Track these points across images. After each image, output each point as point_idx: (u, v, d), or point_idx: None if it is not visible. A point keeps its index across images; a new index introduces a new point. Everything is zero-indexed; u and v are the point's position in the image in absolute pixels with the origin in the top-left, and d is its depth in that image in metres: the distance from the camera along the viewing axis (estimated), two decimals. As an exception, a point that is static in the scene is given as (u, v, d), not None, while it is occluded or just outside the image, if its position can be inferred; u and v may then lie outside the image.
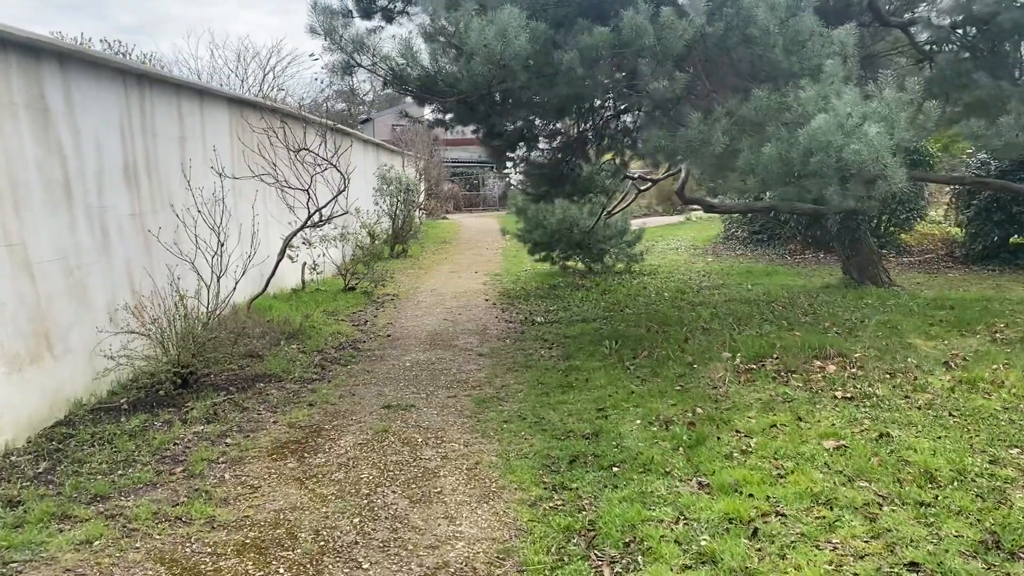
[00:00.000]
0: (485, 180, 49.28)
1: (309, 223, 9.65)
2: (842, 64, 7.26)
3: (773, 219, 17.76)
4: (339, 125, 17.72)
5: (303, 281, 12.63)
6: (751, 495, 4.44)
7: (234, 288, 8.66)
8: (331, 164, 9.28)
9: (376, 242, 13.12)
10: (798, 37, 7.33)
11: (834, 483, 4.56)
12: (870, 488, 4.47)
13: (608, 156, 11.61)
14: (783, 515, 4.19)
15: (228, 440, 5.84)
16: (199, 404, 6.66)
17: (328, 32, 6.60)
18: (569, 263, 14.38)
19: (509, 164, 10.53)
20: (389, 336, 9.69)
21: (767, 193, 14.01)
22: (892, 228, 15.98)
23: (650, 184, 13.36)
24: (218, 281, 8.50)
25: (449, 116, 9.07)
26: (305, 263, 12.63)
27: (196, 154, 9.45)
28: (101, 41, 22.28)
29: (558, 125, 10.64)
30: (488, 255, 20.10)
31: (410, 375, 7.77)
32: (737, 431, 5.54)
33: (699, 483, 4.70)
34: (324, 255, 12.83)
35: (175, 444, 5.72)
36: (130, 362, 7.06)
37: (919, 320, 8.97)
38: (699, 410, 6.05)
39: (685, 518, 4.24)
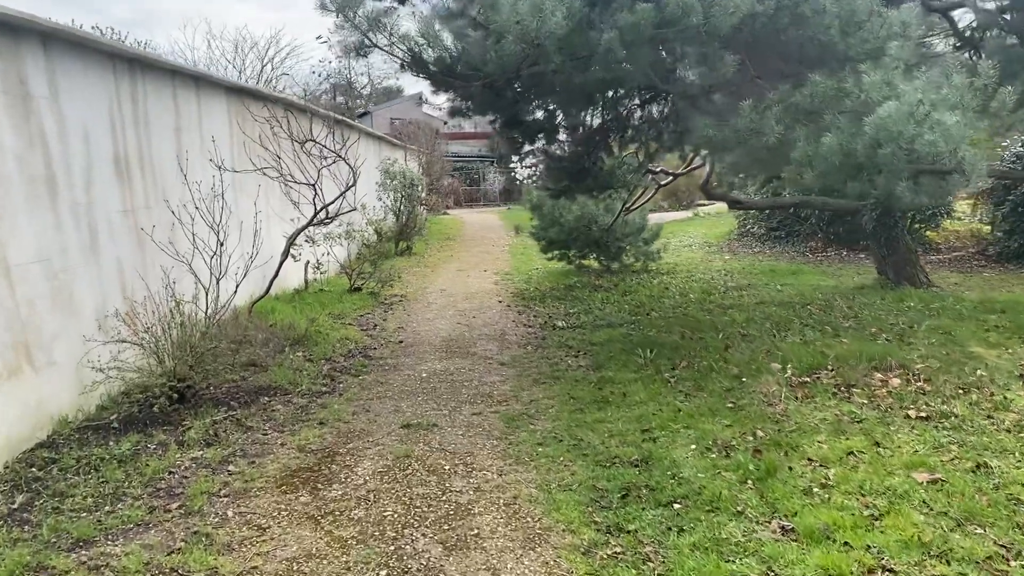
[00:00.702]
0: (485, 175, 48.67)
1: (315, 220, 8.97)
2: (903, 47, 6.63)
3: (792, 215, 17.11)
4: (344, 118, 17.06)
5: (306, 281, 11.96)
6: (846, 543, 3.79)
7: (235, 291, 8.00)
8: (340, 157, 8.60)
9: (383, 240, 12.43)
10: (855, 17, 6.66)
11: (942, 528, 3.90)
12: (987, 536, 3.82)
13: (630, 150, 10.96)
14: (892, 572, 3.53)
15: (231, 467, 5.17)
16: (197, 423, 5.99)
17: (341, 8, 5.92)
18: (586, 262, 13.71)
19: (528, 157, 9.84)
20: (401, 342, 9.02)
21: (782, 187, 13.42)
22: (918, 225, 15.34)
23: (671, 179, 12.70)
24: (217, 284, 7.85)
25: (467, 104, 8.38)
26: (308, 262, 11.95)
27: (193, 146, 8.78)
28: (93, 27, 21.51)
29: (581, 115, 9.97)
30: (495, 252, 19.43)
31: (428, 387, 7.11)
32: (809, 459, 4.89)
33: (781, 527, 4.04)
34: (328, 253, 12.15)
35: (170, 473, 5.05)
36: (121, 375, 6.40)
37: (973, 325, 8.31)
38: (760, 432, 5.39)
39: (775, 574, 3.58)
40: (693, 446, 5.24)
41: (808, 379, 6.58)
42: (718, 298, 10.85)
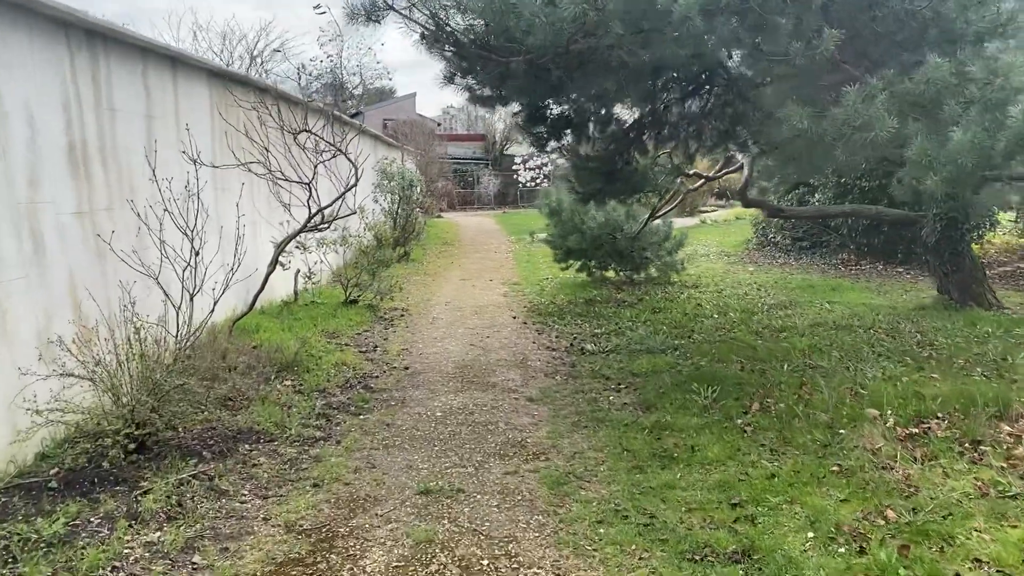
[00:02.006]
0: (480, 177, 47.47)
1: (310, 225, 7.68)
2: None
3: (819, 225, 15.92)
4: (340, 114, 15.77)
5: (296, 292, 10.65)
6: None
7: (212, 309, 6.72)
8: (339, 151, 7.31)
9: (384, 247, 11.14)
10: (980, -14, 5.46)
11: None
12: None
13: (665, 150, 9.72)
14: None
15: (196, 559, 3.87)
16: (159, 482, 4.70)
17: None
18: (607, 273, 12.44)
19: (553, 154, 8.60)
20: (407, 369, 7.73)
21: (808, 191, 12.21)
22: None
23: (702, 182, 11.48)
24: (191, 301, 6.57)
25: (496, 90, 7.09)
26: (299, 271, 10.65)
27: (167, 137, 7.50)
28: None
29: (614, 110, 8.71)
30: (499, 259, 18.16)
31: (445, 433, 5.83)
32: (977, 560, 3.63)
33: None
34: (321, 261, 10.86)
35: (114, 569, 3.75)
36: (64, 416, 5.10)
37: (1077, 358, 7.11)
38: (890, 513, 4.14)
39: None
40: (810, 533, 3.98)
41: (917, 430, 5.34)
42: (763, 318, 9.61)
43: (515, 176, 23.26)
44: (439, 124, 49.78)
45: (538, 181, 22.34)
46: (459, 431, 5.84)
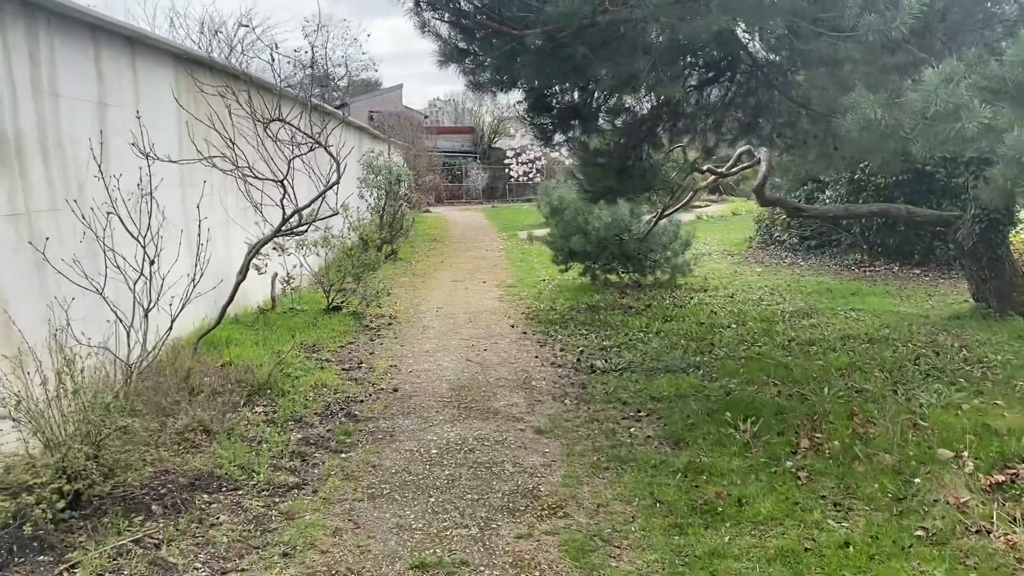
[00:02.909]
0: (468, 171, 46.50)
1: (285, 228, 6.76)
2: None
3: (829, 224, 15.11)
4: (322, 104, 14.82)
5: (273, 298, 9.72)
6: None
7: (170, 326, 5.82)
8: (318, 143, 6.38)
9: (370, 249, 10.22)
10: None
11: None
12: None
13: (680, 143, 8.86)
14: None
15: (123, 677, 2.98)
16: (92, 553, 3.80)
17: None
18: (611, 276, 11.55)
19: (561, 148, 7.72)
20: (396, 391, 6.84)
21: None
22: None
23: (713, 179, 10.63)
24: (146, 317, 5.68)
25: (502, 74, 6.19)
26: (276, 274, 9.73)
27: (122, 128, 6.57)
28: None
29: (625, 100, 7.82)
30: (491, 258, 17.26)
31: (442, 478, 4.93)
32: None
33: None
34: (301, 265, 9.93)
35: None
36: (-21, 467, 4.20)
37: None
38: (1009, 604, 3.30)
39: None
40: (915, 636, 3.13)
41: (1003, 477, 4.50)
42: (786, 329, 8.76)
43: (507, 170, 22.34)
44: (426, 116, 48.76)
45: (531, 175, 21.42)
46: (458, 475, 4.95)
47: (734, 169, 10.22)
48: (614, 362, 7.54)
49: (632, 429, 5.75)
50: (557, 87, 7.05)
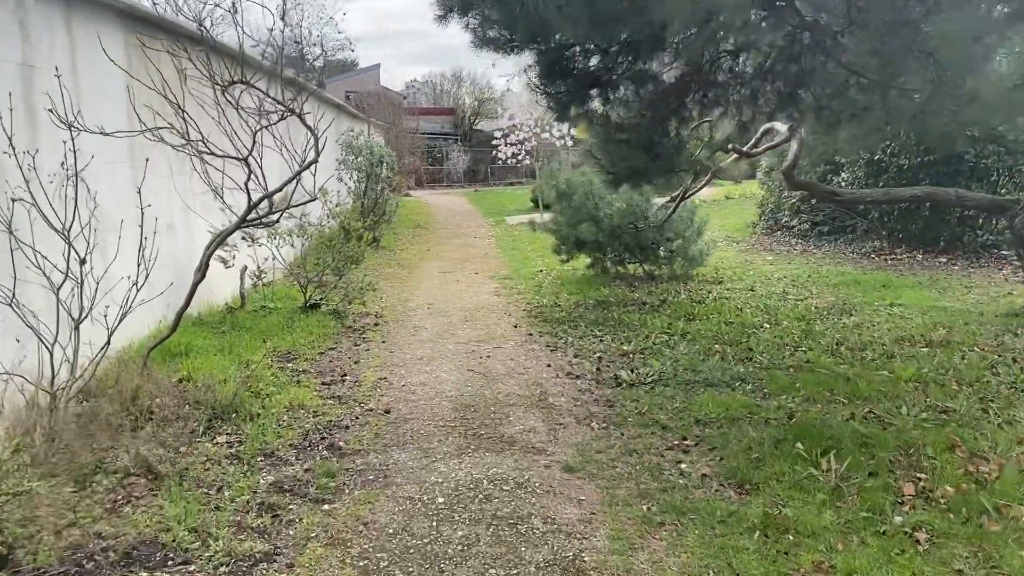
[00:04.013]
0: (449, 153, 45.23)
1: (252, 215, 5.59)
2: None
3: (843, 209, 14.11)
4: (296, 77, 13.55)
5: (242, 294, 8.54)
6: None
7: (107, 342, 4.68)
8: (290, 111, 5.20)
9: (351, 239, 9.06)
10: None
11: None
12: None
13: (708, 119, 7.77)
14: None
15: None
16: None
17: None
18: (622, 268, 10.45)
19: (576, 123, 6.63)
20: (388, 413, 5.71)
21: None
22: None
23: (736, 158, 9.55)
24: (76, 332, 4.54)
25: (498, 32, 5.07)
26: (245, 267, 8.56)
27: (56, 95, 5.38)
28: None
29: (651, 65, 6.71)
30: (481, 246, 16.14)
31: (454, 542, 3.82)
32: None
33: None
34: (274, 257, 8.75)
35: None
36: None
37: None
38: None
39: None
40: None
41: None
42: (828, 330, 7.71)
43: (494, 152, 21.17)
44: (404, 98, 47.44)
45: (519, 157, 20.28)
46: (475, 537, 3.84)
47: (760, 148, 9.12)
48: (641, 372, 6.46)
49: (682, 465, 4.67)
50: (577, 47, 5.92)
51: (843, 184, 13.58)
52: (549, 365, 6.92)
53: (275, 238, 8.43)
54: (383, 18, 77.23)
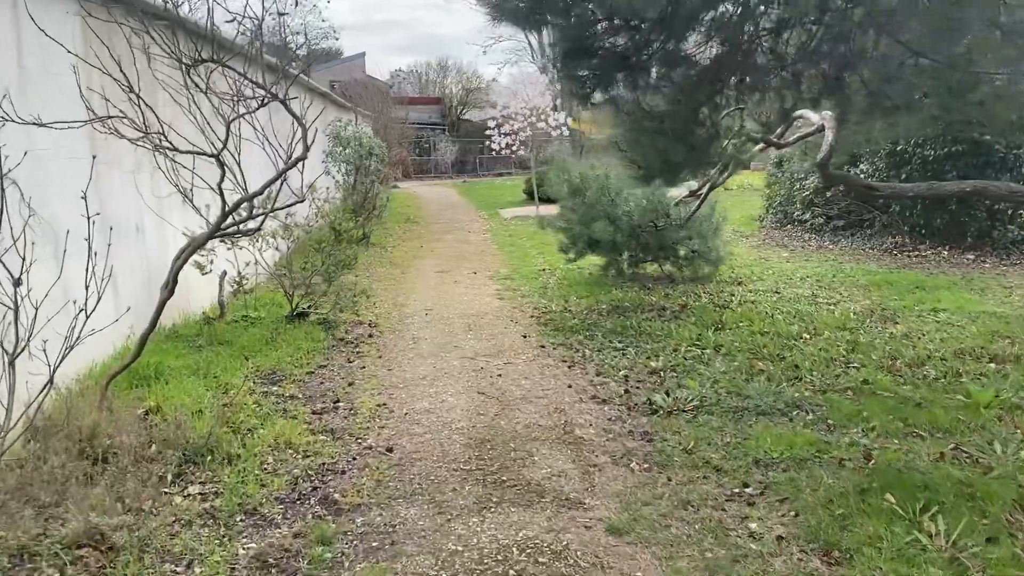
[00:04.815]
0: (436, 144, 44.35)
1: (229, 224, 4.72)
2: None
3: (860, 202, 13.37)
4: (278, 63, 12.63)
5: (221, 303, 7.68)
6: None
7: (50, 380, 3.84)
8: (273, 96, 4.35)
9: (342, 241, 8.20)
10: None
11: None
12: None
13: (740, 105, 6.96)
14: None
15: None
16: None
17: None
18: (638, 269, 9.63)
19: (599, 109, 5.83)
20: (391, 452, 4.87)
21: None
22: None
23: (762, 148, 8.79)
24: (11, 369, 3.71)
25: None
26: (225, 273, 7.69)
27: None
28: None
29: (684, 44, 5.89)
30: (476, 242, 15.30)
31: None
32: None
33: None
34: (256, 262, 7.89)
35: None
36: None
37: None
38: None
39: None
40: None
41: None
42: (876, 340, 6.93)
43: (488, 142, 20.30)
44: (391, 87, 46.48)
45: (513, 148, 19.42)
46: (512, 636, 3.03)
47: (792, 138, 8.34)
48: (676, 395, 5.65)
49: (751, 524, 3.87)
50: (604, 21, 5.10)
51: (862, 176, 12.81)
52: (570, 386, 6.11)
53: (258, 241, 7.56)
54: (369, 8, 75.94)
